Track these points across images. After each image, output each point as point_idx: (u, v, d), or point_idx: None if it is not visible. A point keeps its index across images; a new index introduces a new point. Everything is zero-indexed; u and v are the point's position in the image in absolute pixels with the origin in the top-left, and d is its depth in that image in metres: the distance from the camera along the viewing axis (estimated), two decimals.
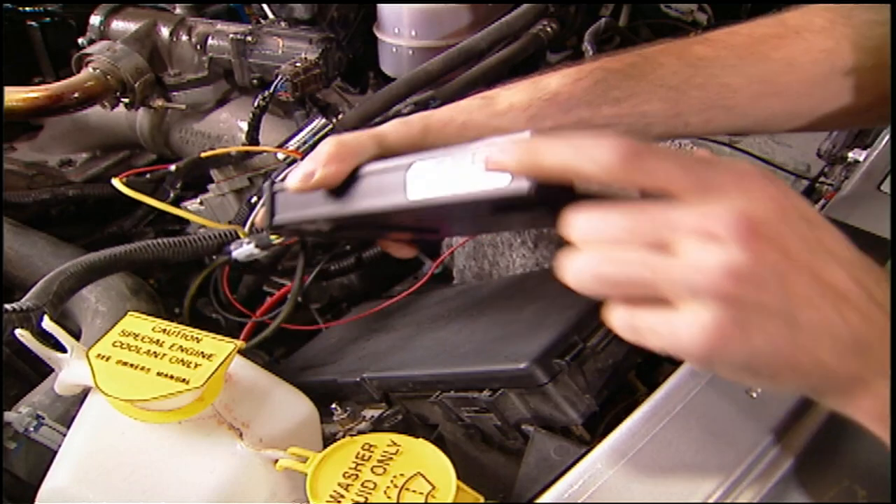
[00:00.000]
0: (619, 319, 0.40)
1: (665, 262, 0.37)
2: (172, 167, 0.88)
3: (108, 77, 1.02)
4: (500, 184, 0.42)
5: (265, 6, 1.14)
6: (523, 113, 0.56)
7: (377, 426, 0.62)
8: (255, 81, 1.06)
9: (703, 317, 0.37)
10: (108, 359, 0.52)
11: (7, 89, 0.98)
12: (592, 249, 0.39)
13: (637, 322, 0.39)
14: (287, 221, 0.57)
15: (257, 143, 0.99)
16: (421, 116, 0.56)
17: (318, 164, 0.52)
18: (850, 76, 0.59)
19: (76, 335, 0.56)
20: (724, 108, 0.59)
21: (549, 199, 0.41)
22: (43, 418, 0.66)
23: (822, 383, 0.39)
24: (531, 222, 0.46)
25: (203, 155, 0.90)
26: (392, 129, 0.55)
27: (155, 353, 0.52)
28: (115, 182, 0.73)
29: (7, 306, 0.67)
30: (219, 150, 0.92)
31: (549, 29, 1.11)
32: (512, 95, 0.57)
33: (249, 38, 1.04)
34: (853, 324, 0.38)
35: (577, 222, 0.39)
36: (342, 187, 0.52)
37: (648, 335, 0.39)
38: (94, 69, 1.02)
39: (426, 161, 0.47)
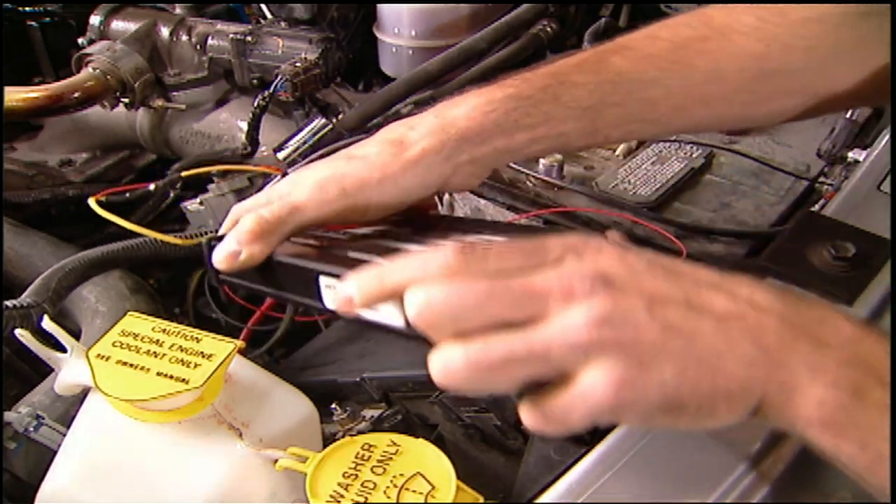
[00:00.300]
0: (530, 415, 0.39)
1: (537, 332, 0.37)
2: (151, 186, 0.88)
3: (108, 77, 1.02)
4: (382, 316, 0.43)
5: (263, 7, 1.14)
6: (437, 156, 0.54)
7: (377, 426, 0.63)
8: (254, 81, 1.06)
9: (599, 372, 0.36)
10: (107, 359, 0.52)
11: (7, 89, 0.98)
12: (457, 340, 0.38)
13: (546, 409, 0.38)
14: (230, 282, 0.55)
15: (257, 143, 0.99)
16: (335, 179, 0.53)
17: (241, 243, 0.51)
18: (780, 79, 0.58)
19: (76, 335, 0.56)
20: (644, 122, 0.58)
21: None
22: (43, 418, 0.66)
23: (752, 400, 0.38)
24: None
25: (184, 174, 0.91)
26: (309, 199, 0.53)
27: (155, 352, 0.52)
28: (91, 202, 0.73)
29: (7, 303, 0.67)
30: (201, 170, 0.93)
31: (548, 29, 1.11)
32: (422, 139, 0.54)
33: (249, 38, 1.04)
34: (745, 334, 0.38)
35: (424, 299, 0.38)
36: (270, 267, 0.51)
37: (562, 417, 0.38)
38: (94, 69, 1.02)
39: (327, 278, 0.47)
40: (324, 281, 0.48)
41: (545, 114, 0.55)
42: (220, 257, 0.52)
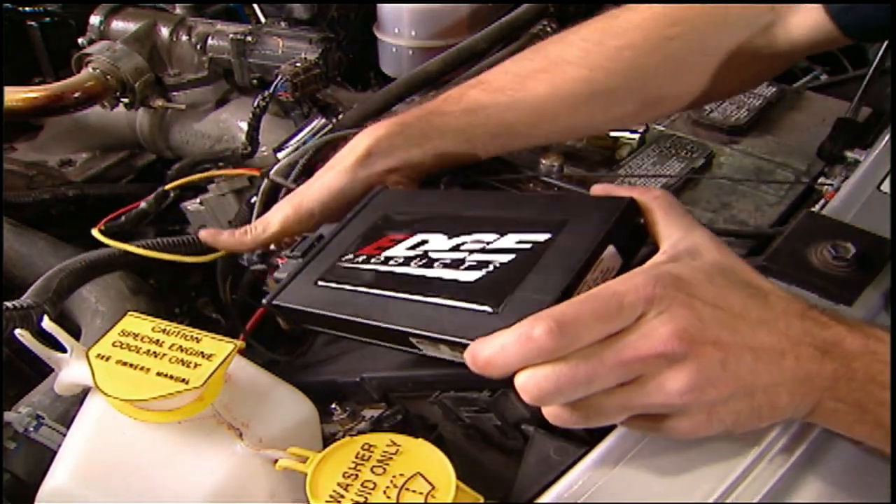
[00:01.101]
0: (634, 426, 0.48)
1: (640, 397, 0.45)
2: (143, 204, 0.90)
3: (108, 77, 1.02)
4: None
5: (256, 8, 1.14)
6: (348, 175, 0.71)
7: (377, 426, 0.62)
8: (254, 81, 1.06)
9: (685, 422, 0.45)
10: (107, 359, 0.52)
11: (7, 89, 0.98)
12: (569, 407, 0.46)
13: (647, 426, 0.48)
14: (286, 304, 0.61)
15: (257, 143, 0.99)
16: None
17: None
18: (608, 95, 0.71)
19: (76, 335, 0.56)
20: (509, 135, 0.74)
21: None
22: (43, 418, 0.66)
23: (800, 413, 0.48)
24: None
25: (168, 187, 0.94)
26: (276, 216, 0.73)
27: (155, 353, 0.52)
28: (95, 232, 0.78)
29: (7, 304, 0.66)
30: (185, 179, 0.95)
31: (548, 29, 1.11)
32: (333, 173, 0.71)
33: (249, 39, 1.04)
34: (791, 368, 0.46)
35: (534, 385, 0.44)
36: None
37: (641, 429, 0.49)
38: (94, 69, 1.02)
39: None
40: (415, 339, 0.52)
41: (427, 135, 0.71)
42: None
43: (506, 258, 0.52)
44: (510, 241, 0.54)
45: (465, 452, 0.63)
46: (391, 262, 0.58)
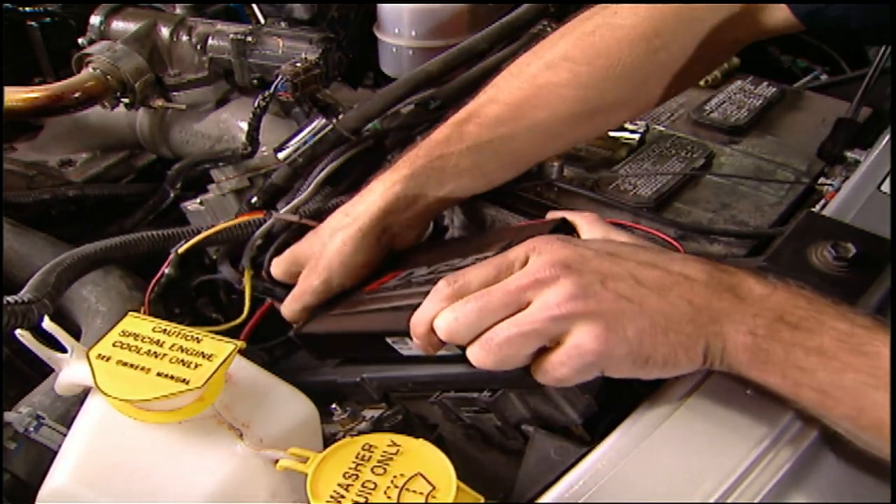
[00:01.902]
0: (537, 373, 0.51)
1: (525, 315, 0.50)
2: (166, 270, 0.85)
3: (109, 77, 1.02)
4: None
5: (256, 9, 1.14)
6: (366, 240, 0.72)
7: (377, 426, 0.62)
8: (255, 81, 1.06)
9: (579, 333, 0.49)
10: (108, 359, 0.52)
11: (7, 89, 0.98)
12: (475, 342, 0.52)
13: (547, 366, 0.50)
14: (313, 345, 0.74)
15: (257, 143, 0.99)
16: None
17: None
18: (606, 109, 0.76)
19: (76, 335, 0.56)
20: (520, 162, 0.78)
21: None
22: (43, 418, 0.66)
23: (700, 347, 0.49)
24: None
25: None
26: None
27: (155, 353, 0.52)
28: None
29: (7, 299, 0.66)
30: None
31: (549, 29, 1.11)
32: (351, 241, 0.72)
33: (249, 39, 1.04)
34: (681, 298, 0.49)
35: (444, 324, 0.52)
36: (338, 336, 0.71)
37: (560, 369, 0.50)
38: (95, 69, 1.02)
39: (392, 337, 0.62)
40: (389, 338, 0.61)
41: (440, 180, 0.73)
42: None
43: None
44: (469, 260, 0.64)
45: (466, 453, 0.63)
46: (383, 289, 0.69)
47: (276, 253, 0.82)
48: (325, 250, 0.73)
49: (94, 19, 1.12)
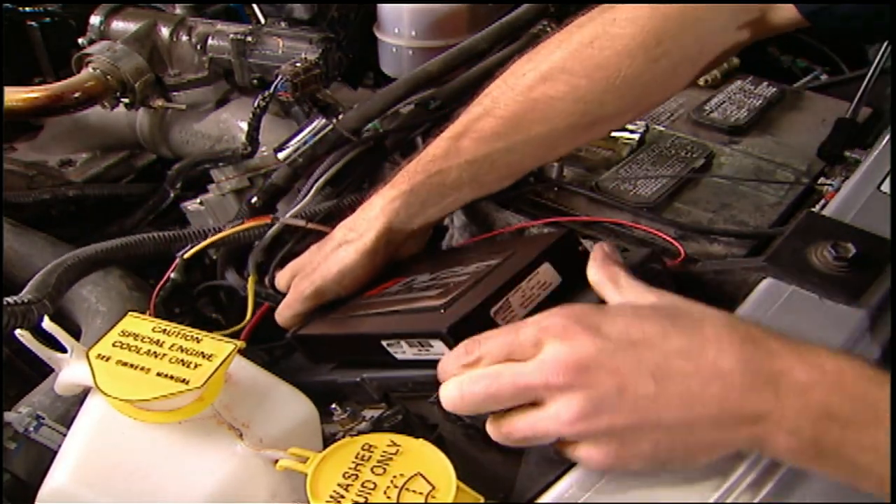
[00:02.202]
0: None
1: (540, 421, 0.48)
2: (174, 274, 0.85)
3: (109, 77, 1.02)
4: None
5: (256, 9, 1.14)
6: (369, 256, 0.73)
7: (377, 426, 0.62)
8: (255, 81, 1.06)
9: (589, 449, 0.47)
10: (108, 359, 0.52)
11: (7, 89, 0.98)
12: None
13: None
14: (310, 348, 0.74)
15: (257, 143, 0.99)
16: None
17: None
18: (606, 119, 0.74)
19: (76, 335, 0.56)
20: (519, 171, 0.77)
21: None
22: (43, 418, 0.66)
23: (729, 450, 0.46)
24: None
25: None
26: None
27: (155, 353, 0.52)
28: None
29: (7, 299, 0.66)
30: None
31: (548, 29, 1.11)
32: (354, 255, 0.73)
33: (249, 39, 1.04)
34: (711, 400, 0.44)
35: (448, 398, 0.51)
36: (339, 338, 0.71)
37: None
38: (95, 69, 1.02)
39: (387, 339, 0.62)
40: (385, 342, 0.62)
41: (441, 194, 0.73)
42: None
43: (463, 277, 0.63)
44: (472, 268, 0.65)
45: (466, 453, 0.63)
46: (384, 294, 0.70)
47: (280, 263, 0.82)
48: (324, 261, 0.74)
49: (94, 19, 1.12)
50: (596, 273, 0.57)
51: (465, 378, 0.50)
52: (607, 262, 0.57)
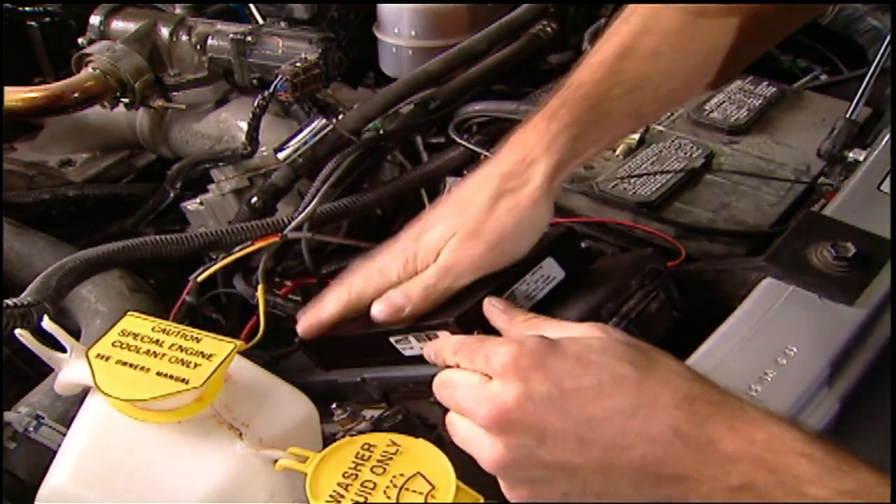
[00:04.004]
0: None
1: (467, 437, 0.50)
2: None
3: (108, 77, 1.02)
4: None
5: (254, 9, 1.14)
6: (545, 200, 0.62)
7: (377, 426, 0.62)
8: (254, 81, 1.06)
9: (504, 486, 0.49)
10: (107, 359, 0.52)
11: (7, 89, 0.98)
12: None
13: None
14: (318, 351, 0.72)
15: (257, 143, 0.98)
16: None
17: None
18: (750, 33, 0.66)
19: (76, 335, 0.56)
20: (670, 102, 0.71)
21: None
22: (43, 418, 0.66)
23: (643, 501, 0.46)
24: None
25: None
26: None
27: (154, 352, 0.52)
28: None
29: (7, 301, 0.66)
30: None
31: (548, 29, 1.11)
32: (526, 201, 0.61)
33: (249, 38, 1.04)
34: (634, 461, 0.44)
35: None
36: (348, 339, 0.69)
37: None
38: (94, 69, 1.02)
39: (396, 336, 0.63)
40: (393, 338, 0.63)
41: (604, 129, 0.64)
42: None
43: None
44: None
45: (466, 453, 0.63)
46: None
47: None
48: (484, 221, 0.60)
49: (94, 19, 1.12)
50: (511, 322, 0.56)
51: (441, 377, 0.52)
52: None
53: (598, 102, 0.62)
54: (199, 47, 1.09)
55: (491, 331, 0.57)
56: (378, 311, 0.62)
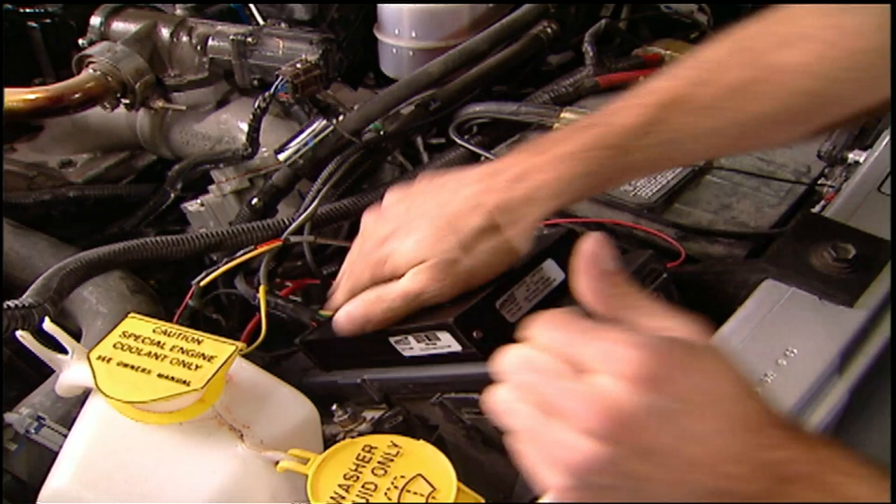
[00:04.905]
0: None
1: (553, 426, 0.42)
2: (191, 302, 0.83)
3: (109, 78, 1.02)
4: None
5: (254, 10, 1.14)
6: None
7: (378, 427, 0.62)
8: (255, 82, 1.06)
9: (557, 486, 0.43)
10: (108, 360, 0.52)
11: (7, 90, 0.98)
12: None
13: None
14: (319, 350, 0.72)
15: (258, 144, 0.99)
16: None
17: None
18: (834, 108, 0.60)
19: (77, 336, 0.56)
20: (700, 159, 0.71)
21: None
22: (44, 419, 0.66)
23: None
24: None
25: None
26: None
27: (156, 354, 0.52)
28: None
29: (8, 303, 0.66)
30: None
31: (549, 30, 1.11)
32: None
33: (250, 39, 1.04)
34: (702, 483, 0.42)
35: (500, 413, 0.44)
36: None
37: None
38: (95, 70, 1.02)
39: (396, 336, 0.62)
40: (393, 339, 0.62)
41: (622, 172, 0.61)
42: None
43: None
44: None
45: (466, 454, 0.63)
46: None
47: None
48: (464, 257, 0.59)
49: (95, 20, 1.13)
50: (597, 291, 0.46)
51: (518, 355, 0.44)
52: (606, 275, 0.46)
53: (617, 153, 0.58)
54: (199, 48, 1.09)
55: (491, 330, 0.56)
56: (341, 319, 0.62)
